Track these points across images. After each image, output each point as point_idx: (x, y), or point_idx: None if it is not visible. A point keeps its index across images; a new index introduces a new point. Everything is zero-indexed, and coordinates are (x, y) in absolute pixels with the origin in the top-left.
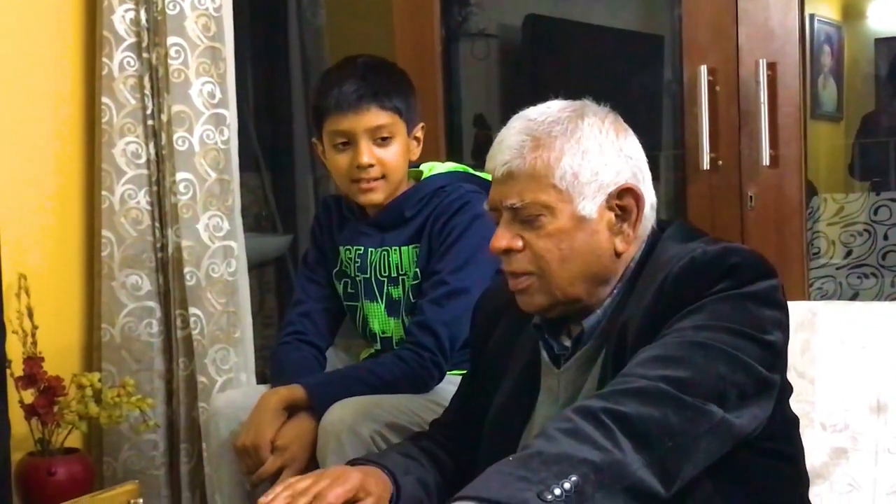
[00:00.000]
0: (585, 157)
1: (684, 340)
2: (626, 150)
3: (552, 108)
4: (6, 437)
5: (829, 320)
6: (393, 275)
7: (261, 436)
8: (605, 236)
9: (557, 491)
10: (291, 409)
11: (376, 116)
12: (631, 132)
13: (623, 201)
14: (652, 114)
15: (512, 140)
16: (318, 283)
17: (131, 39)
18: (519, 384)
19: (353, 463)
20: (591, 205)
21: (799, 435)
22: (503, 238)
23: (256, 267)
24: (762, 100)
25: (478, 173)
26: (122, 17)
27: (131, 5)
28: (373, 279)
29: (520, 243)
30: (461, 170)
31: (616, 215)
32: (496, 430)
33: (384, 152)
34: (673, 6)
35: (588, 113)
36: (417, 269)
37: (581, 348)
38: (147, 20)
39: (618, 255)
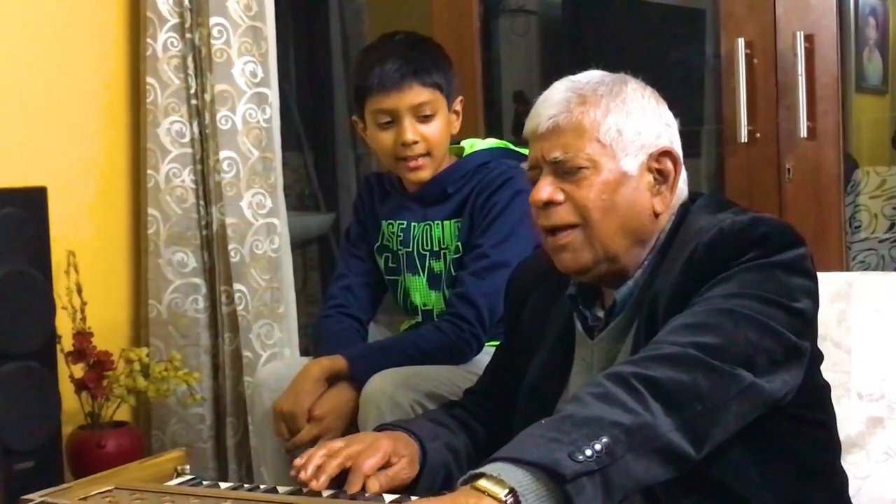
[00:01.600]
0: (629, 117)
1: (714, 308)
2: (664, 118)
3: (595, 74)
4: (57, 410)
5: (865, 290)
6: (435, 249)
7: (299, 403)
8: (645, 195)
9: (588, 452)
10: (332, 380)
11: (418, 94)
12: (664, 104)
13: (661, 164)
14: (693, 88)
15: (558, 97)
16: (360, 258)
17: (174, 20)
18: (553, 354)
19: (380, 429)
20: (632, 162)
21: (830, 401)
22: (544, 190)
23: (300, 245)
24: (800, 72)
25: (518, 149)
26: None
27: None
28: (415, 253)
29: (561, 196)
30: (502, 146)
31: (654, 177)
32: (531, 400)
33: (427, 128)
34: None
35: (629, 80)
36: (459, 244)
37: (614, 319)
38: (190, 1)
39: (656, 215)
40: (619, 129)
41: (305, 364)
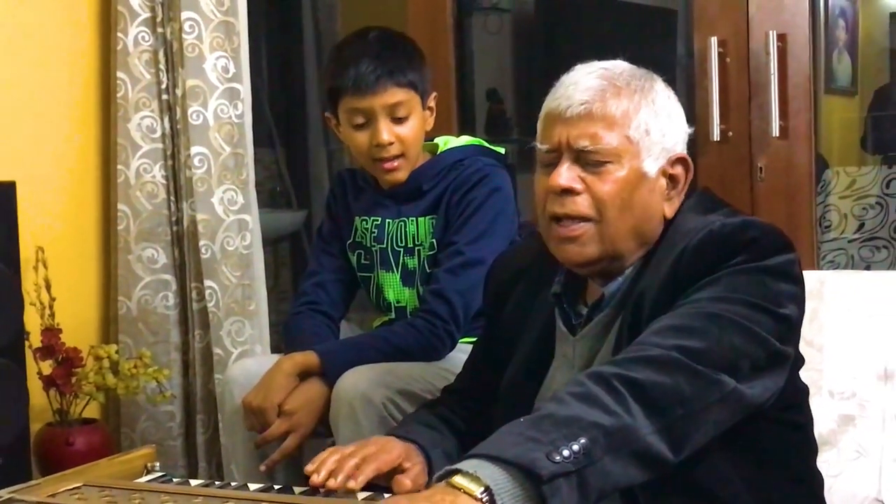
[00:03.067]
0: (658, 118)
1: (700, 311)
2: (683, 123)
3: (625, 65)
4: (25, 407)
5: (837, 289)
6: (409, 245)
7: (269, 398)
8: (658, 198)
9: (566, 452)
10: (304, 375)
11: (393, 94)
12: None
13: (675, 170)
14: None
15: (592, 82)
16: (333, 254)
17: (146, 14)
18: (534, 351)
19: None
20: (653, 164)
21: (808, 405)
22: (563, 176)
23: (271, 242)
24: (772, 71)
25: (493, 147)
26: None
27: None
28: (389, 249)
29: (580, 185)
30: (477, 143)
31: (667, 182)
32: (511, 396)
33: (402, 129)
34: None
35: (657, 78)
36: (434, 240)
37: (598, 315)
38: None
39: (665, 219)
40: (648, 127)
41: (277, 359)
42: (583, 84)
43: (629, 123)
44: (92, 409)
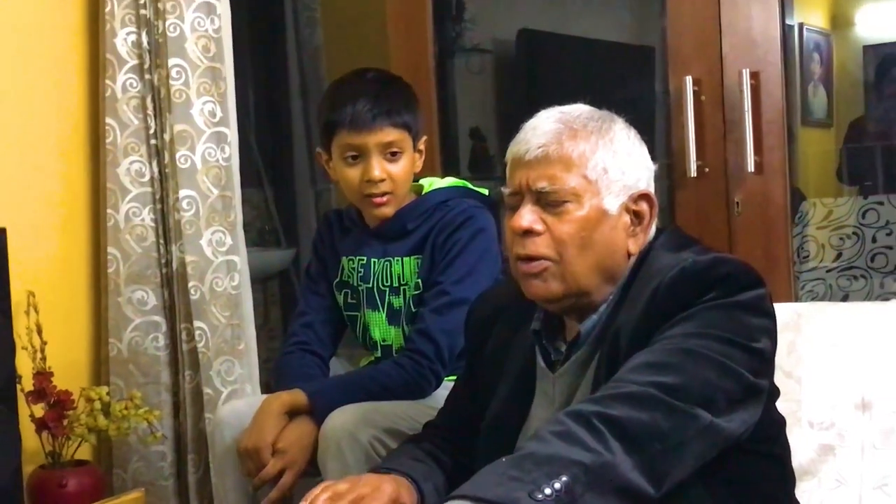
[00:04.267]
0: (616, 157)
1: (675, 347)
2: (645, 161)
3: (584, 108)
4: (17, 450)
5: (814, 321)
6: (395, 284)
7: (262, 439)
8: (621, 235)
9: (548, 490)
10: (293, 414)
11: (388, 133)
12: (645, 147)
13: (639, 206)
14: (643, 124)
15: (549, 126)
16: (321, 294)
17: (133, 62)
18: (515, 388)
19: (375, 469)
20: (614, 202)
21: (785, 436)
22: (525, 218)
23: (260, 281)
24: (746, 108)
25: (477, 189)
26: (124, 40)
27: (133, 28)
28: (375, 289)
29: (541, 226)
30: (461, 185)
31: (631, 219)
32: (493, 434)
33: (394, 167)
34: (661, 18)
35: (617, 119)
36: (419, 280)
37: (576, 352)
38: (148, 42)
39: (629, 255)
40: (606, 167)
41: (266, 398)
42: (541, 128)
43: (586, 164)
44: (84, 450)
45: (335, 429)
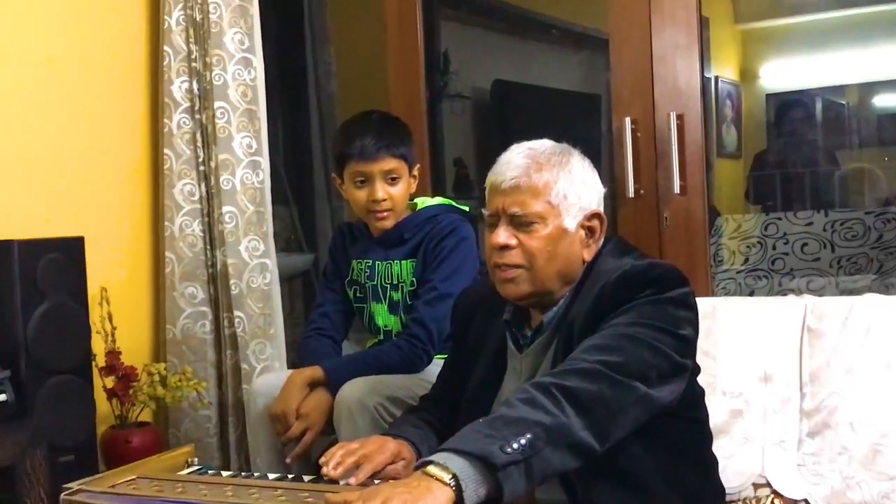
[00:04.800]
0: (573, 184)
1: (617, 333)
2: (597, 186)
3: (546, 143)
4: (93, 414)
5: (727, 312)
6: (394, 282)
7: (288, 405)
8: (578, 247)
9: (515, 445)
10: (313, 385)
11: (388, 162)
12: (596, 172)
13: (592, 223)
14: (592, 155)
15: (520, 161)
16: (335, 290)
17: (186, 104)
18: (491, 365)
19: (382, 434)
20: (572, 221)
21: (704, 403)
22: (501, 236)
23: (287, 279)
24: (673, 143)
25: (459, 206)
26: (178, 87)
27: (186, 78)
28: (378, 285)
29: (514, 241)
30: (447, 203)
31: (585, 233)
32: (473, 401)
33: (393, 189)
34: (606, 71)
35: (574, 153)
36: (413, 278)
37: (539, 337)
38: (198, 89)
39: (584, 262)
40: (566, 193)
41: (291, 373)
42: (513, 163)
43: (550, 192)
44: (145, 414)
45: (347, 397)
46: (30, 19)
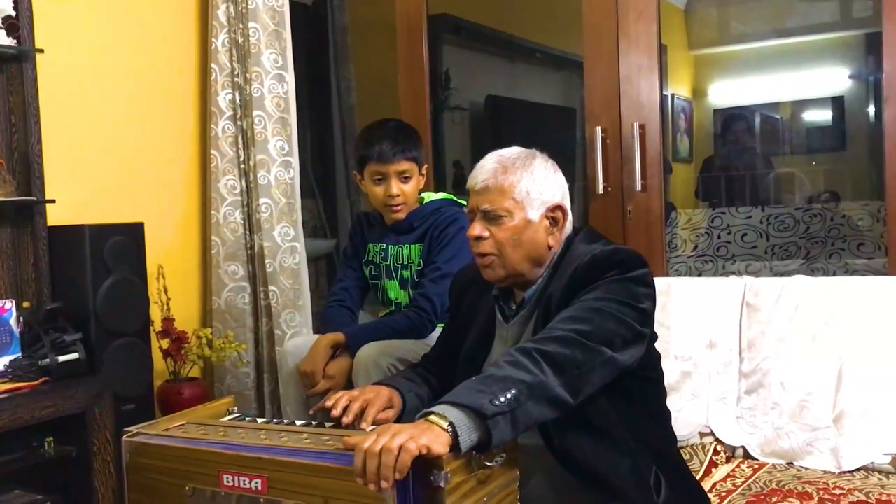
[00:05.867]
0: (535, 182)
1: (588, 306)
2: (559, 181)
3: (515, 150)
4: (150, 370)
5: (679, 289)
6: (404, 263)
7: (316, 364)
8: (543, 235)
9: (502, 399)
10: (336, 347)
11: (402, 164)
12: (560, 172)
13: (555, 213)
14: (569, 159)
15: (489, 166)
16: (353, 268)
17: (230, 113)
18: (481, 333)
19: (376, 384)
20: (535, 213)
21: (660, 365)
22: (476, 229)
23: (313, 260)
24: (636, 148)
25: (459, 200)
26: (223, 98)
27: (230, 91)
28: (391, 265)
29: (487, 233)
30: (449, 197)
31: (549, 223)
32: (467, 362)
33: (406, 186)
34: (580, 88)
35: (538, 155)
36: (420, 260)
37: (522, 311)
38: (240, 100)
39: (549, 248)
40: (528, 190)
41: (317, 338)
42: (485, 168)
43: (514, 190)
44: (195, 371)
45: (364, 358)
46: (114, 47)
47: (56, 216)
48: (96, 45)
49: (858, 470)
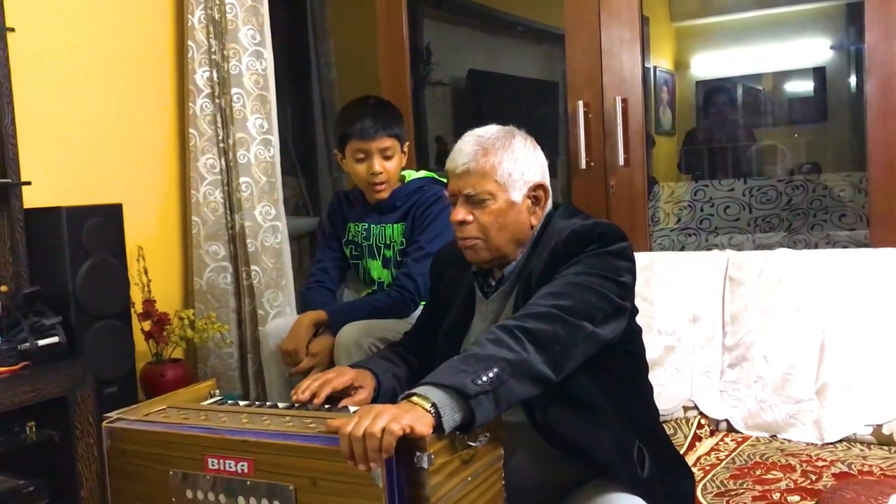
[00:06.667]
0: (517, 162)
1: (568, 281)
2: (539, 160)
3: (493, 129)
4: (132, 352)
5: (663, 264)
6: (387, 242)
7: (298, 342)
8: (525, 214)
9: (485, 378)
10: (318, 325)
11: (384, 141)
12: (540, 148)
13: (537, 192)
14: (551, 133)
15: (469, 149)
16: (332, 248)
17: (207, 90)
18: (461, 310)
19: (351, 366)
20: (518, 194)
21: (642, 339)
22: (460, 213)
23: (296, 239)
24: (618, 122)
25: (441, 178)
26: (201, 76)
27: (207, 68)
28: (373, 244)
29: (470, 218)
30: (431, 175)
31: (532, 202)
32: (446, 340)
33: (388, 164)
34: (562, 62)
35: (517, 134)
36: (403, 239)
37: (502, 287)
38: (218, 77)
39: (532, 227)
40: (510, 172)
41: (299, 317)
42: (464, 150)
43: (496, 172)
44: (177, 352)
45: (346, 338)
46: (88, 25)
47: (32, 198)
48: (69, 23)
49: (841, 441)
